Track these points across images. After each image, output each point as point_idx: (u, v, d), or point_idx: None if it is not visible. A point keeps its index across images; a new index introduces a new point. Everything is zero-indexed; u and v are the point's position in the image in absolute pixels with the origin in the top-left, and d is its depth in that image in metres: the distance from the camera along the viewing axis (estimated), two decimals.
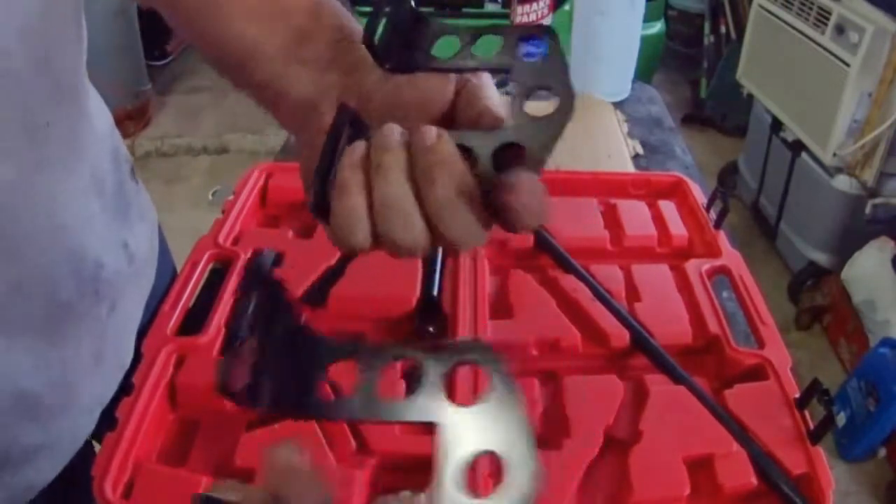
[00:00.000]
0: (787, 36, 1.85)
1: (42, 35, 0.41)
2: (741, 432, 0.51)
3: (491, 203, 0.31)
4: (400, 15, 0.36)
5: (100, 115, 0.55)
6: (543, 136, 0.32)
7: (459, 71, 0.36)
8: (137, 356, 0.55)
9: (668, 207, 0.74)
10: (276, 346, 0.34)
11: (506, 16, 1.22)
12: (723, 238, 0.70)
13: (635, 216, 0.73)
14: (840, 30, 1.62)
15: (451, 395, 0.32)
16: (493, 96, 0.35)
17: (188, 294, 0.61)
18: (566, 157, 0.96)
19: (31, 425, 0.49)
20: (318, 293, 0.62)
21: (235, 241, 0.68)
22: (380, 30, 0.35)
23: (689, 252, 0.71)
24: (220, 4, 0.39)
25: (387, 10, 0.36)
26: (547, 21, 1.12)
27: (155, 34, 2.89)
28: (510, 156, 0.32)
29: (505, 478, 0.27)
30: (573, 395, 0.53)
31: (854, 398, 1.51)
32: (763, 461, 0.49)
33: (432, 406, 0.31)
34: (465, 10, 2.48)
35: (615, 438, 0.52)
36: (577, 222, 0.72)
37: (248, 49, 0.39)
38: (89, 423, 0.55)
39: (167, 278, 0.68)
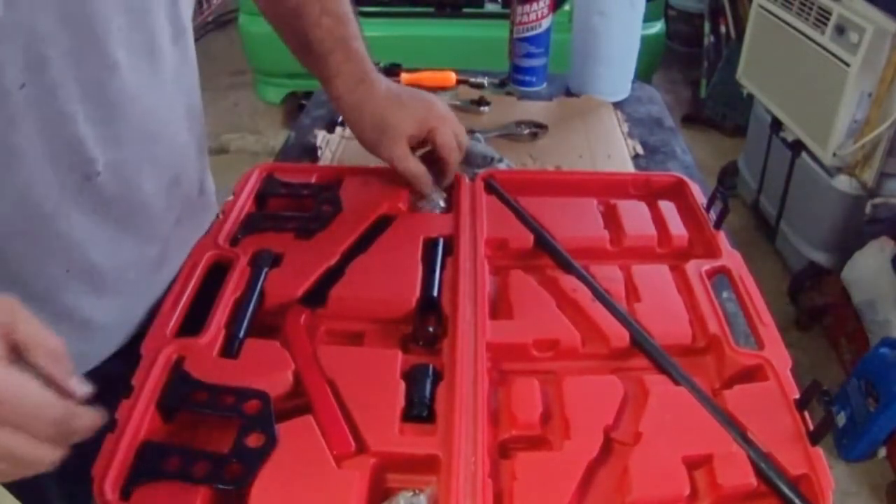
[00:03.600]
0: (787, 36, 1.85)
1: None
2: (741, 433, 0.51)
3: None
4: None
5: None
6: None
7: None
8: (137, 356, 0.55)
9: (668, 207, 0.74)
10: None
11: (506, 16, 1.22)
12: (723, 238, 0.70)
13: (635, 216, 0.73)
14: (840, 30, 1.62)
15: None
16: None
17: (188, 294, 0.61)
18: (566, 157, 0.96)
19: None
20: (318, 293, 0.62)
21: (235, 242, 0.68)
22: None
23: (689, 252, 0.71)
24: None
25: None
26: (547, 21, 1.12)
27: None
28: None
29: None
30: (573, 395, 0.53)
31: (854, 398, 1.51)
32: (763, 462, 0.49)
33: None
34: (465, 10, 2.48)
35: (615, 439, 0.52)
36: (577, 222, 0.72)
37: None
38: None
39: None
